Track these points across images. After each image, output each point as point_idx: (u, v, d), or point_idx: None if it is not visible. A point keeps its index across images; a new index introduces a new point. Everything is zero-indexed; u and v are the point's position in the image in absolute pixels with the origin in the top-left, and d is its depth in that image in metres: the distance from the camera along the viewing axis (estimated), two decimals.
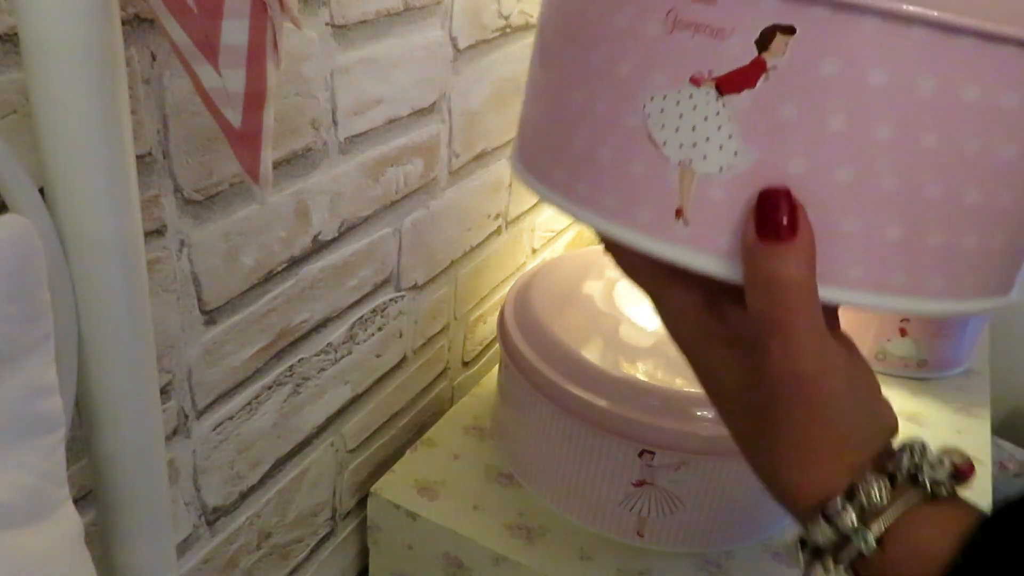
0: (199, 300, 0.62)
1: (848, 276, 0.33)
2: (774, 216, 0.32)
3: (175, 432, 0.64)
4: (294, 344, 0.74)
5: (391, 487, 0.90)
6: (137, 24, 0.51)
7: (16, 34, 0.40)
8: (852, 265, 0.33)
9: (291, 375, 0.75)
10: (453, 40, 0.84)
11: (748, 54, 0.32)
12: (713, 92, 0.33)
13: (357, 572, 0.98)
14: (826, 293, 0.33)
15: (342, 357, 0.82)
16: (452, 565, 0.87)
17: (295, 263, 0.71)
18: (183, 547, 0.69)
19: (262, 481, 0.75)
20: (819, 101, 0.31)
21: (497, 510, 0.88)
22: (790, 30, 0.31)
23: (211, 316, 0.63)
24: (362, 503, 0.93)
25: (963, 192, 0.32)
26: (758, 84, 0.32)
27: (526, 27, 0.98)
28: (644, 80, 0.34)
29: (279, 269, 0.69)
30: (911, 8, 0.29)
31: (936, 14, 0.29)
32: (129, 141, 0.43)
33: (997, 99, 0.30)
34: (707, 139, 0.33)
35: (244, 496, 0.74)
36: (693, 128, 0.33)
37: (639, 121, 0.34)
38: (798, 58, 0.31)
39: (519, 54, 0.97)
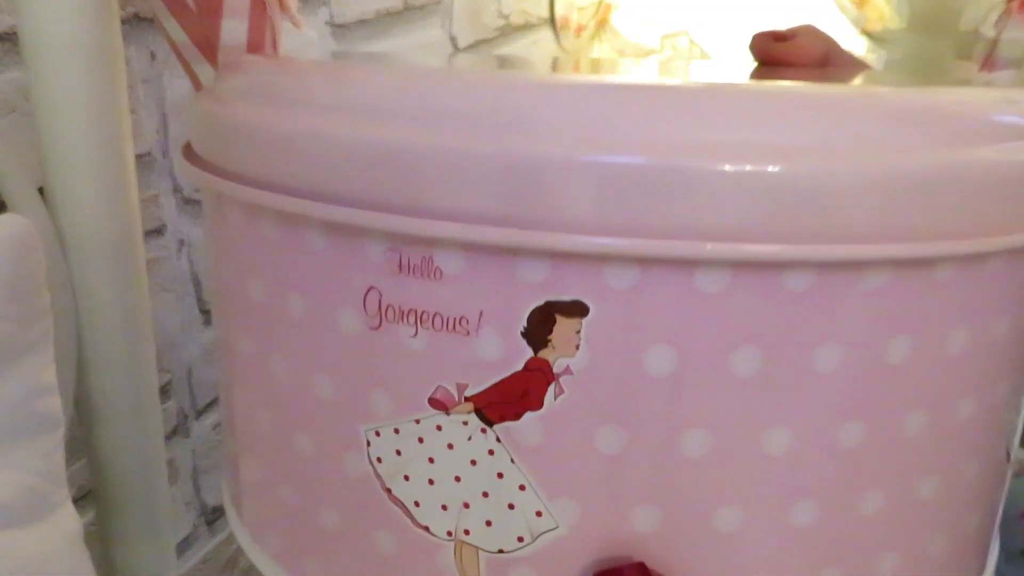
0: (199, 300, 0.62)
1: None
2: None
3: (175, 432, 0.63)
4: None
5: None
6: (136, 23, 0.50)
7: (16, 34, 0.40)
8: None
9: None
10: (453, 39, 0.84)
11: (517, 354, 0.25)
12: (475, 420, 0.26)
13: None
14: None
15: None
16: None
17: None
18: (182, 547, 0.68)
19: None
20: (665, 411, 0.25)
21: None
22: (580, 309, 0.24)
23: (211, 315, 0.63)
24: None
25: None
26: (546, 402, 0.25)
27: (526, 26, 0.97)
28: (355, 403, 0.27)
29: None
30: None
31: None
32: (128, 141, 0.43)
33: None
34: (484, 495, 0.26)
35: None
36: (457, 479, 0.26)
37: (362, 467, 0.27)
38: (605, 351, 0.25)
39: (520, 53, 0.97)
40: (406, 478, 0.29)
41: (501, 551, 0.28)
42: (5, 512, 0.36)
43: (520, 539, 0.28)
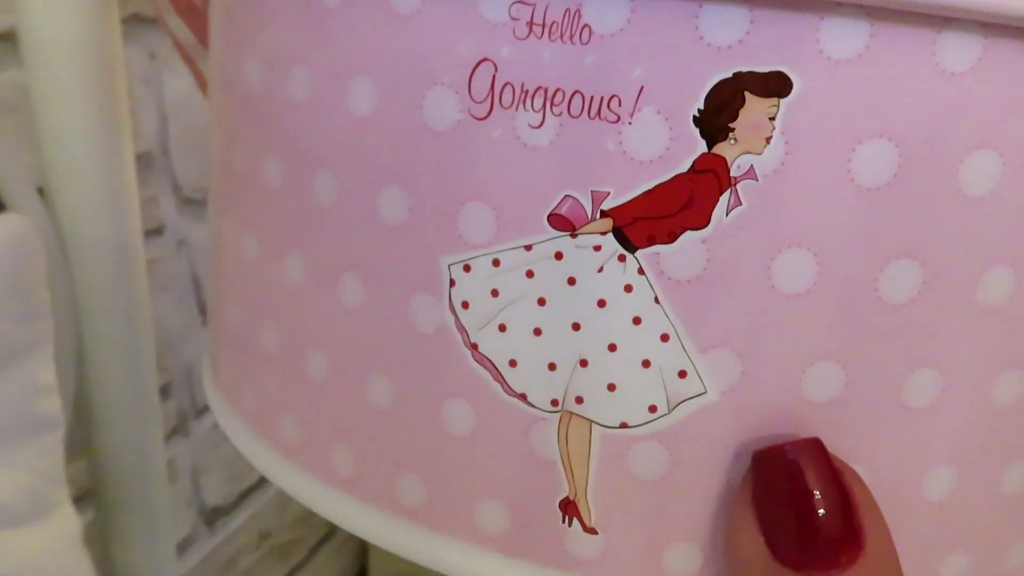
0: (199, 300, 0.61)
1: None
2: (809, 517, 0.18)
3: (174, 432, 0.63)
4: None
5: None
6: (136, 23, 0.51)
7: (16, 34, 0.39)
8: None
9: None
10: None
11: (684, 149, 0.19)
12: (612, 244, 0.20)
13: (356, 572, 0.98)
14: None
15: None
16: None
17: None
18: (182, 547, 0.69)
19: (261, 481, 0.75)
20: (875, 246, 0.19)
21: None
22: (780, 84, 0.19)
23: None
24: None
25: None
26: (714, 217, 0.20)
27: None
28: (438, 225, 0.21)
29: None
30: None
31: None
32: (128, 140, 0.42)
33: None
34: (611, 348, 0.21)
35: (243, 496, 0.74)
36: (575, 327, 0.21)
37: (438, 316, 0.21)
38: (807, 149, 0.19)
39: None
40: (501, 328, 0.22)
41: (624, 425, 0.22)
42: (5, 512, 0.36)
43: (652, 408, 0.21)
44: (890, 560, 0.19)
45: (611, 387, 0.22)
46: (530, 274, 0.21)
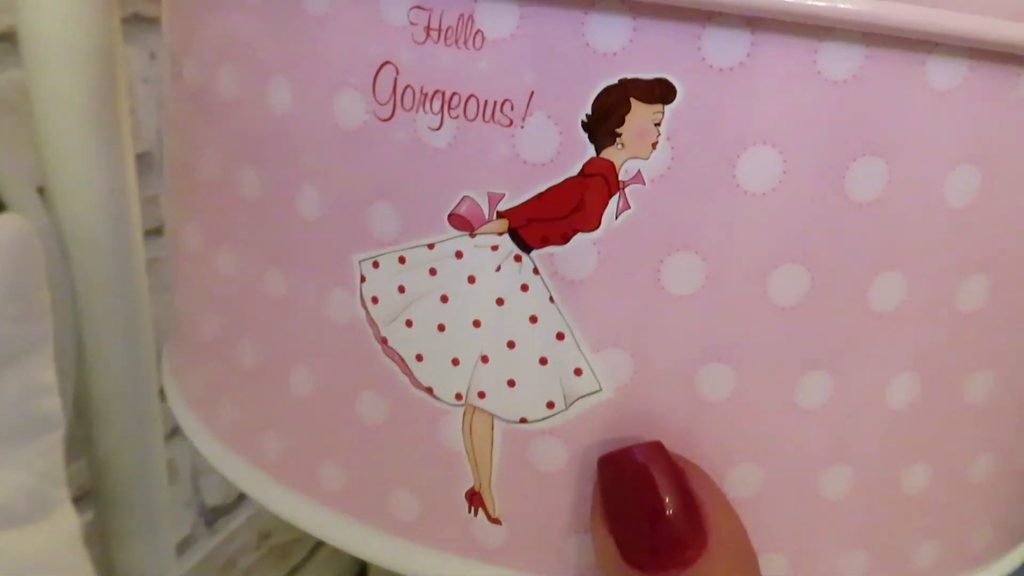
0: None
1: None
2: (653, 519, 0.18)
3: (174, 432, 0.62)
4: None
5: None
6: (136, 23, 0.50)
7: (16, 34, 0.39)
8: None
9: None
10: None
11: (574, 153, 0.20)
12: (508, 244, 0.20)
13: (356, 572, 0.97)
14: None
15: None
16: None
17: None
18: (182, 547, 0.69)
19: None
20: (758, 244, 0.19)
21: None
22: (664, 91, 0.19)
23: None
24: None
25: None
26: (604, 220, 0.20)
27: None
28: (349, 223, 0.21)
29: None
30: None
31: None
32: (128, 140, 0.42)
33: None
34: (509, 345, 0.21)
35: (243, 496, 0.74)
36: (476, 324, 0.21)
37: (351, 310, 0.22)
38: (692, 154, 0.19)
39: None
40: (408, 324, 0.23)
41: (524, 420, 0.22)
42: (5, 512, 0.36)
43: (550, 404, 0.22)
44: (737, 552, 0.20)
45: (511, 383, 0.22)
46: (433, 272, 0.22)
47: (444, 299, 0.22)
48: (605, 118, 0.20)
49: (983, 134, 0.20)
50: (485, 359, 0.22)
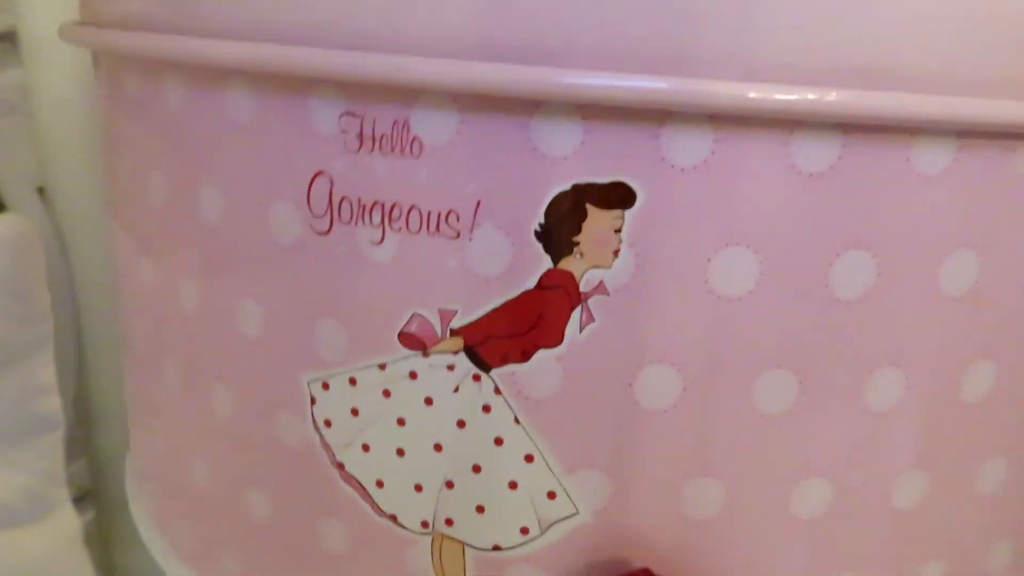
0: None
1: None
2: None
3: None
4: None
5: None
6: None
7: (16, 33, 0.39)
8: None
9: None
10: None
11: (529, 264, 0.18)
12: (465, 363, 0.18)
13: None
14: None
15: None
16: None
17: None
18: None
19: None
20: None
21: None
22: (622, 195, 0.17)
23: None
24: None
25: None
26: (568, 334, 0.18)
27: None
28: (293, 343, 0.20)
29: None
30: None
31: None
32: None
33: None
34: (475, 470, 0.19)
35: None
36: (437, 448, 0.19)
37: (303, 433, 0.20)
38: (657, 261, 0.17)
39: None
40: (365, 448, 0.21)
41: (497, 548, 0.20)
42: (5, 512, 0.36)
43: (524, 530, 0.20)
44: None
45: (480, 509, 0.20)
46: (387, 393, 0.20)
47: (401, 422, 0.20)
48: (560, 227, 0.18)
49: (978, 217, 0.18)
50: (450, 485, 0.20)
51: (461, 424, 0.20)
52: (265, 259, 0.21)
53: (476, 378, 0.19)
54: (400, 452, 0.20)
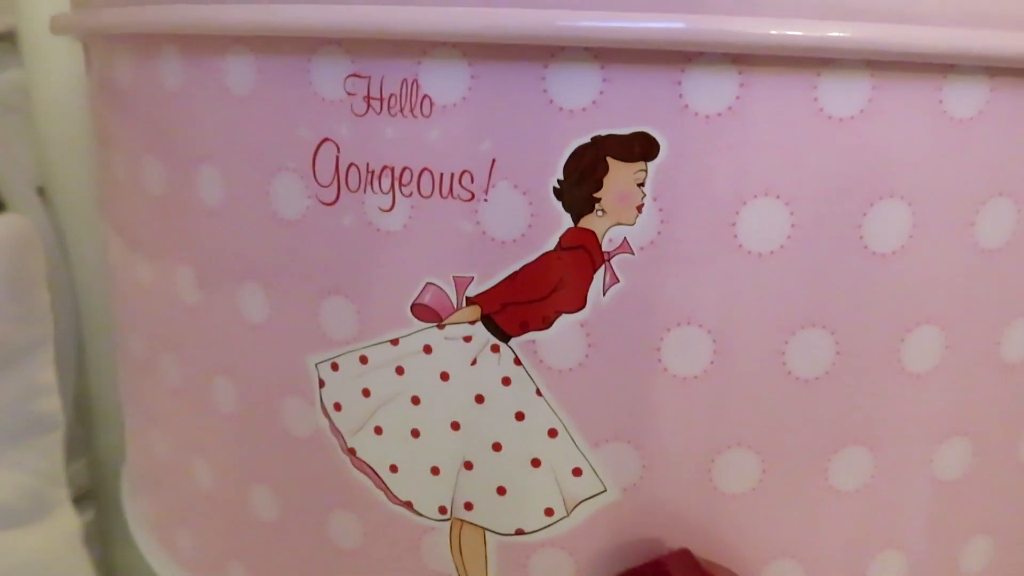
0: None
1: None
2: None
3: None
4: None
5: None
6: None
7: (16, 33, 0.39)
8: None
9: None
10: None
11: (548, 225, 0.17)
12: (483, 333, 0.18)
13: None
14: None
15: None
16: None
17: None
18: None
19: None
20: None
21: None
22: (645, 147, 0.16)
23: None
24: None
25: None
26: (590, 298, 0.17)
27: None
28: (299, 323, 0.19)
29: None
30: None
31: None
32: None
33: None
34: (495, 448, 0.18)
35: None
36: (455, 427, 0.18)
37: (312, 420, 0.20)
38: (684, 216, 0.17)
39: None
40: (377, 431, 0.20)
41: (520, 531, 0.19)
42: (5, 512, 0.36)
43: (549, 511, 0.19)
44: None
45: (501, 491, 0.19)
46: (400, 371, 0.19)
47: (415, 401, 0.19)
48: (580, 183, 0.17)
49: (1014, 162, 0.18)
50: (469, 466, 0.19)
51: (479, 399, 0.19)
52: (268, 237, 0.20)
53: (495, 349, 0.18)
54: (415, 433, 0.19)
